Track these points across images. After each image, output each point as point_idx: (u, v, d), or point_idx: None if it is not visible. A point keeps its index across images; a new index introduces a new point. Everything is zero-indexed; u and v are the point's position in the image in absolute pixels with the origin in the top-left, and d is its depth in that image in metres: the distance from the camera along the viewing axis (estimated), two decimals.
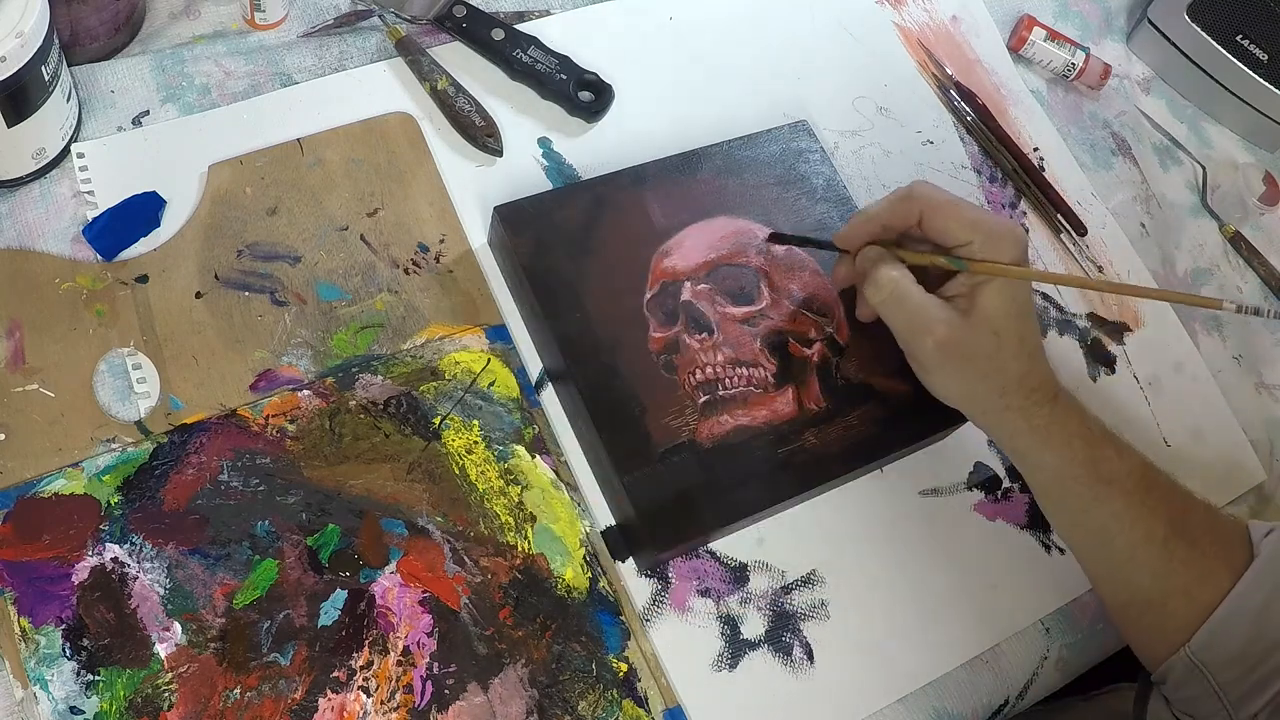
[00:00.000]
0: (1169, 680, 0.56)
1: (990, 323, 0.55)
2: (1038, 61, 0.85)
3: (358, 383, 0.59)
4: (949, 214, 0.56)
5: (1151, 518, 0.55)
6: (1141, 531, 0.55)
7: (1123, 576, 0.57)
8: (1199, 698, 0.55)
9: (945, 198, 0.56)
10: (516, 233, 0.61)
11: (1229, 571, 0.55)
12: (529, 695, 0.54)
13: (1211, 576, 0.55)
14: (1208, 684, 0.54)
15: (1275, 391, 0.80)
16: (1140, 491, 0.55)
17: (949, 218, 0.56)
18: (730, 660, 0.59)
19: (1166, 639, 0.56)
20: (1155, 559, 0.55)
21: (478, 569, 0.56)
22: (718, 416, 0.60)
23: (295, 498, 0.56)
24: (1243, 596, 0.54)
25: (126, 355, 0.57)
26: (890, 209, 0.58)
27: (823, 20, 0.81)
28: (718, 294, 0.63)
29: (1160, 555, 0.55)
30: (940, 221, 0.56)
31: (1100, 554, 0.57)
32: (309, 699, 0.52)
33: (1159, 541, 0.55)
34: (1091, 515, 0.56)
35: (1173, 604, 0.55)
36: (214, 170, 0.63)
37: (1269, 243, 0.86)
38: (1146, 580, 0.55)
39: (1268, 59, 0.84)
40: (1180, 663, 0.55)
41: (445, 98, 0.68)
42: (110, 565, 0.52)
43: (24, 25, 0.53)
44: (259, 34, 0.69)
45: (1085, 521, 0.56)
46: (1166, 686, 0.57)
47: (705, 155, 0.67)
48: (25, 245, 0.59)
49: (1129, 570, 0.56)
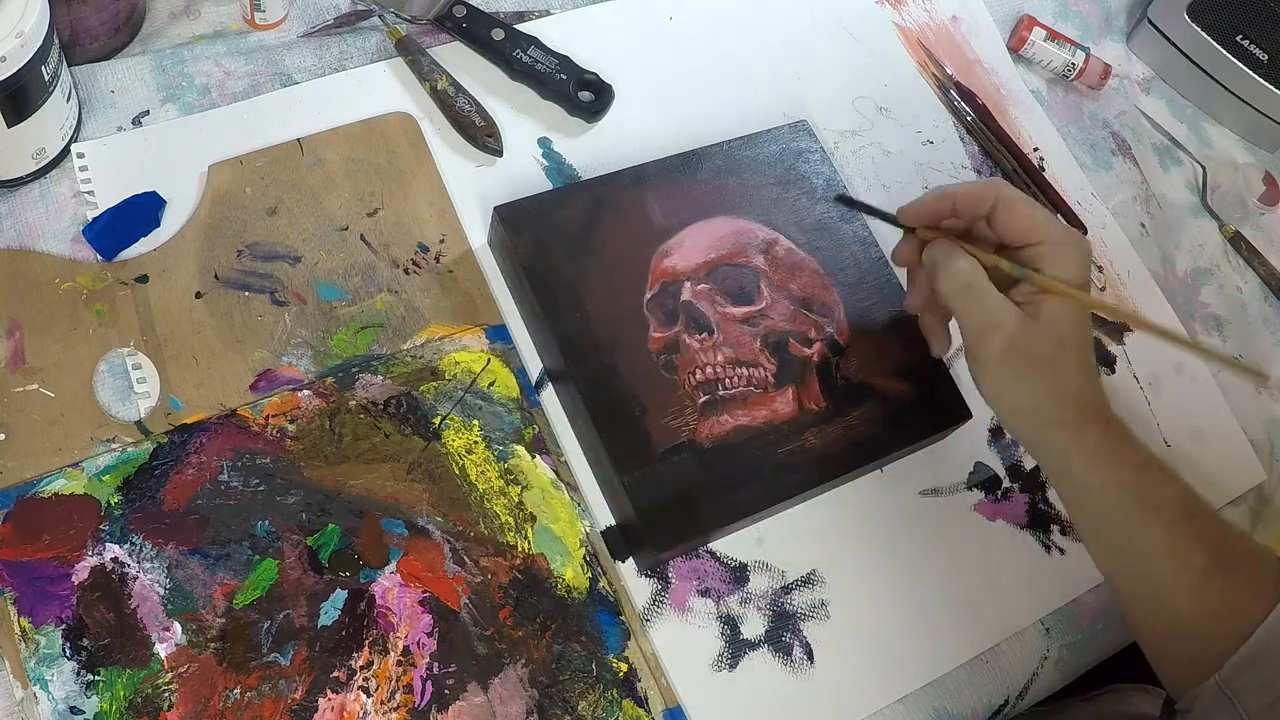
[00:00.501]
0: (1195, 708, 0.55)
1: (1056, 329, 0.54)
2: (1038, 61, 0.85)
3: (358, 383, 0.59)
4: (1022, 212, 0.55)
5: (1192, 546, 0.54)
6: (1183, 560, 0.54)
7: (1158, 603, 0.56)
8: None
9: (1022, 197, 0.56)
10: (516, 233, 0.61)
11: (1263, 601, 0.54)
12: (529, 695, 0.54)
13: (1246, 606, 0.54)
14: (1236, 712, 0.54)
15: (1275, 391, 0.80)
16: (1184, 520, 0.54)
17: (1022, 216, 0.55)
18: (730, 660, 0.59)
19: (1198, 667, 0.55)
20: (1194, 588, 0.54)
21: (478, 569, 0.56)
22: (718, 416, 0.60)
23: (295, 498, 0.56)
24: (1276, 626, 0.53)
25: (126, 355, 0.57)
26: (968, 191, 0.57)
27: (823, 20, 0.81)
28: (718, 294, 0.63)
29: (1199, 584, 0.54)
30: (1012, 219, 0.55)
31: (1140, 582, 0.56)
32: (309, 699, 0.52)
33: (1199, 570, 0.54)
34: (1135, 542, 0.55)
35: (1206, 632, 0.55)
36: (214, 170, 0.63)
37: (1269, 243, 0.86)
38: (1182, 607, 0.55)
39: (1268, 59, 0.84)
40: (1209, 692, 0.54)
41: (445, 98, 0.68)
42: (110, 565, 0.52)
43: (24, 25, 0.53)
44: (259, 34, 0.69)
45: (1128, 548, 0.56)
46: (1193, 715, 0.56)
47: (705, 155, 0.67)
48: (25, 245, 0.59)
49: (1168, 598, 0.55)
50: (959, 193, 0.57)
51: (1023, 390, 0.55)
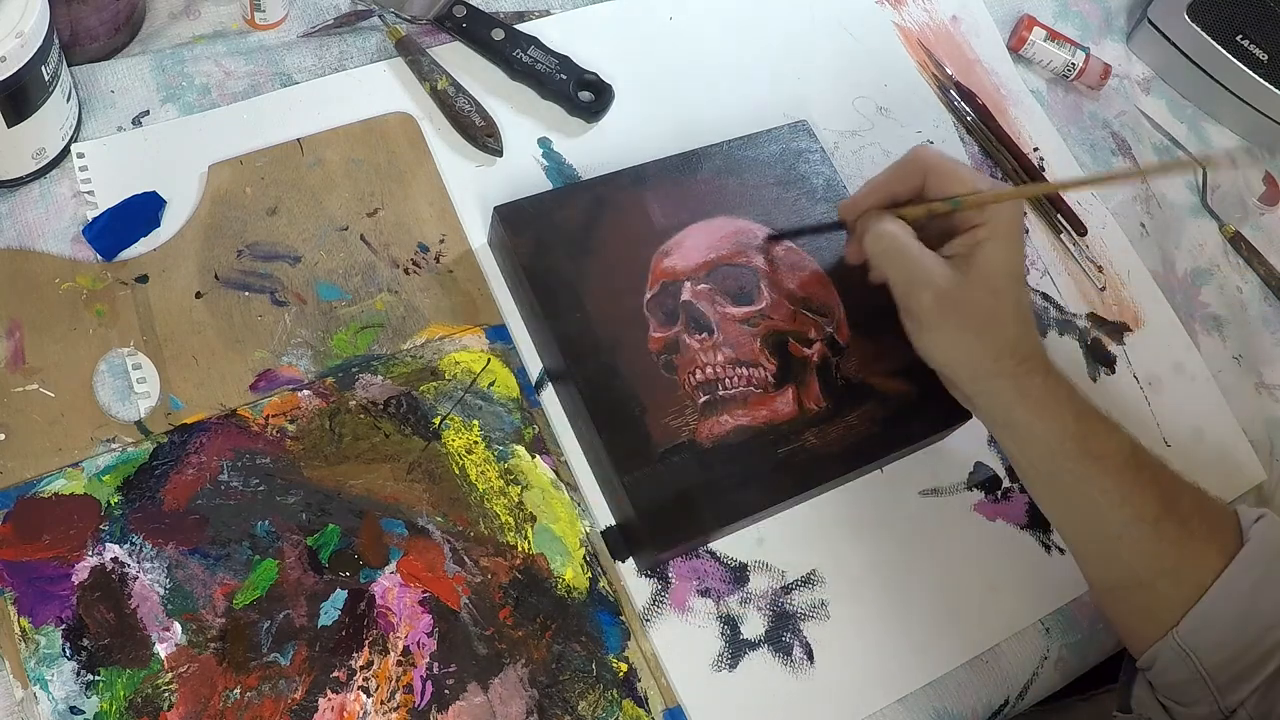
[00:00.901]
0: (1155, 666, 0.56)
1: (989, 281, 0.55)
2: (1038, 61, 0.85)
3: (358, 383, 0.59)
4: (950, 171, 0.57)
5: (1142, 497, 0.54)
6: (1131, 510, 0.54)
7: (1111, 556, 0.56)
8: (1185, 683, 0.55)
9: (948, 160, 0.57)
10: (516, 233, 0.61)
11: (1219, 554, 0.54)
12: (529, 695, 0.54)
13: (1201, 559, 0.54)
14: (1195, 669, 0.54)
15: (1275, 391, 0.80)
16: (1131, 470, 0.55)
17: (953, 180, 0.57)
18: (730, 660, 0.59)
19: (1154, 621, 0.55)
20: (1145, 538, 0.54)
21: (478, 569, 0.56)
22: (718, 416, 0.60)
23: (295, 498, 0.56)
24: (1231, 581, 0.54)
25: (126, 355, 0.57)
26: (896, 175, 0.58)
27: (823, 20, 0.81)
28: (718, 294, 0.63)
29: (1150, 535, 0.54)
30: (944, 181, 0.57)
31: (1089, 532, 0.57)
32: (309, 699, 0.52)
33: (1150, 521, 0.54)
34: (1081, 492, 0.55)
35: (1162, 585, 0.55)
36: (214, 170, 0.63)
37: (1269, 243, 0.86)
38: (1135, 560, 0.55)
39: (1268, 59, 0.84)
40: (1168, 648, 0.55)
41: (445, 98, 0.68)
42: (110, 565, 0.52)
43: (24, 25, 0.53)
44: (259, 34, 0.69)
45: (1074, 498, 0.56)
46: (1152, 672, 0.56)
47: (705, 155, 0.67)
48: (25, 245, 0.59)
49: (1118, 549, 0.55)
50: (888, 179, 0.58)
51: (958, 343, 0.56)
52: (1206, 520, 0.56)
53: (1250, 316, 0.82)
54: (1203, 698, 0.54)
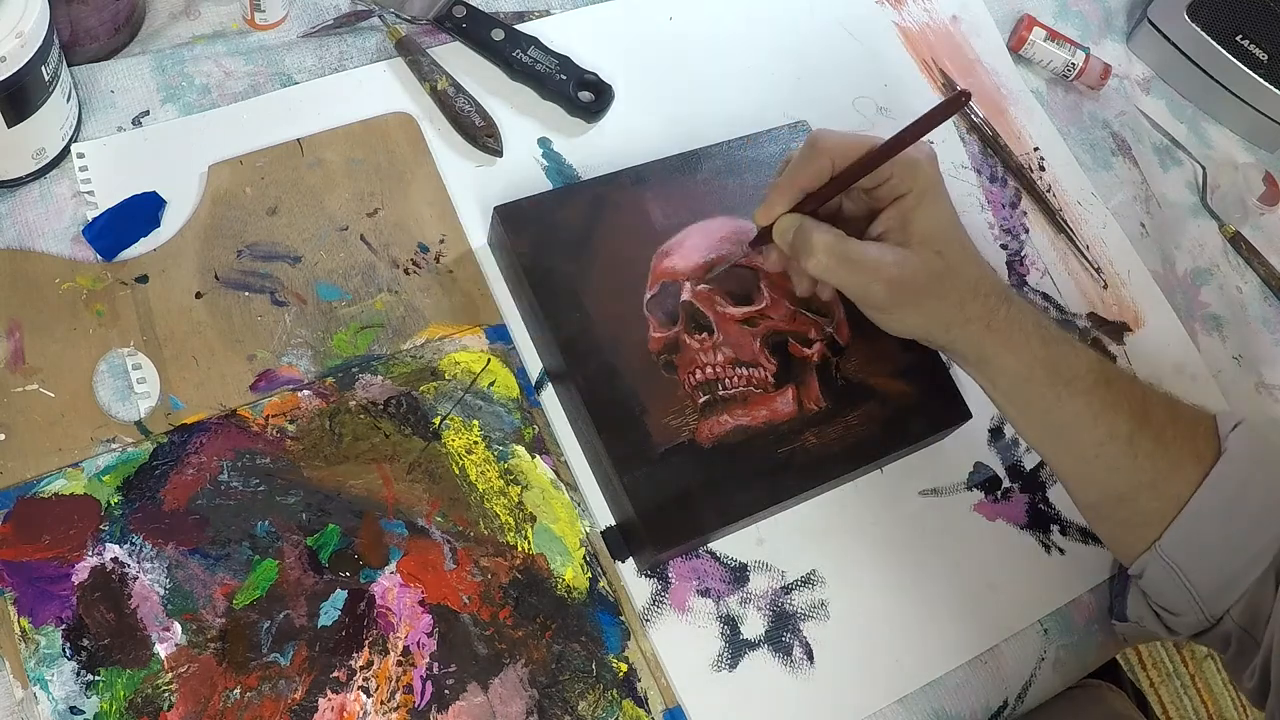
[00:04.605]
0: (1144, 577, 0.57)
1: (930, 243, 0.55)
2: (1038, 61, 0.85)
3: (358, 383, 0.59)
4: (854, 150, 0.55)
5: (1113, 415, 0.55)
6: (1105, 429, 0.55)
7: (1090, 474, 0.57)
8: (1172, 594, 0.56)
9: (851, 140, 0.56)
10: (516, 233, 0.61)
11: (1197, 463, 0.55)
12: (529, 695, 0.55)
13: (1179, 469, 0.55)
14: (1180, 582, 0.55)
15: (1275, 391, 0.80)
16: (1100, 388, 0.55)
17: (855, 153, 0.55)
18: (730, 660, 0.59)
19: (1139, 533, 0.56)
20: (1121, 455, 0.55)
21: (478, 569, 0.56)
22: (718, 416, 0.60)
23: (295, 498, 0.56)
24: (1209, 494, 0.54)
25: (126, 355, 0.57)
26: (800, 168, 0.56)
27: (822, 20, 0.81)
28: (718, 294, 0.63)
29: (1126, 451, 0.55)
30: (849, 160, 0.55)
31: (1066, 453, 0.57)
32: (309, 699, 0.52)
33: (1124, 438, 0.55)
34: (1054, 415, 0.56)
35: (1142, 499, 0.56)
36: (214, 170, 0.63)
37: (1269, 243, 0.86)
38: (1114, 477, 0.56)
39: (1268, 59, 0.84)
40: (1153, 561, 0.56)
41: (445, 98, 0.68)
42: (110, 565, 0.52)
43: (24, 25, 0.53)
44: (259, 34, 0.69)
45: (1049, 422, 0.57)
46: (1143, 581, 0.58)
47: (705, 155, 0.67)
48: (25, 245, 0.59)
49: (1095, 467, 0.56)
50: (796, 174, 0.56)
51: (922, 311, 0.56)
52: (1182, 430, 0.56)
53: (1250, 316, 0.82)
54: (1190, 609, 0.56)
